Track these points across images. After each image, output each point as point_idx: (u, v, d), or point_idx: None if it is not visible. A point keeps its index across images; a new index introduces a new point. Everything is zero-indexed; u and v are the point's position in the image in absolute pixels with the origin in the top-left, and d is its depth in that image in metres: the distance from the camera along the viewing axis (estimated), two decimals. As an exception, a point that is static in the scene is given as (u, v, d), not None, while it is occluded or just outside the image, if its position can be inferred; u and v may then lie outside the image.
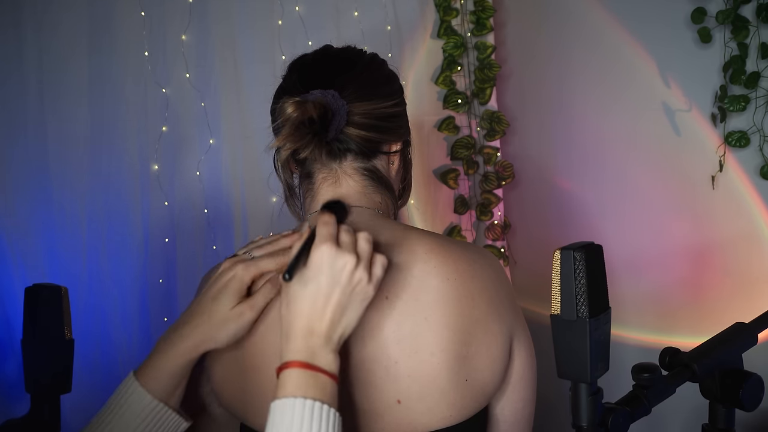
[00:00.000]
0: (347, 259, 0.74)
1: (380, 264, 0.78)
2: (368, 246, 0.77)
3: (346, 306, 0.75)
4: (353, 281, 0.75)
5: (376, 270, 0.77)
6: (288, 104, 0.81)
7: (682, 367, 0.86)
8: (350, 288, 0.75)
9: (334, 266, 0.74)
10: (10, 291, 1.49)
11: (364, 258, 0.76)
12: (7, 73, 1.53)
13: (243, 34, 1.77)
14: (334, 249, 0.74)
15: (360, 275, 0.75)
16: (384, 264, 0.78)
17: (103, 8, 1.62)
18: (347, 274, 0.74)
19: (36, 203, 1.55)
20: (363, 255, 0.76)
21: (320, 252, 0.74)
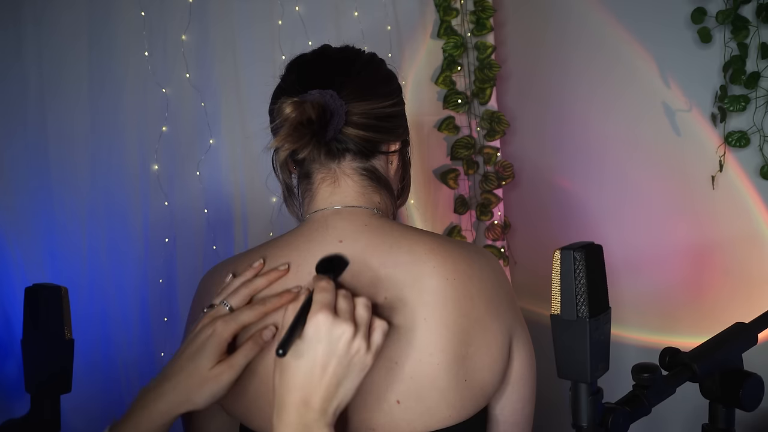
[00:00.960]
0: (344, 328, 0.72)
1: (380, 330, 0.76)
2: (367, 313, 0.75)
3: (343, 377, 0.73)
4: (351, 351, 0.73)
5: (375, 337, 0.75)
6: (286, 104, 0.81)
7: (682, 367, 0.86)
8: (348, 359, 0.73)
9: (331, 337, 0.72)
10: (10, 291, 1.49)
11: (363, 326, 0.74)
12: (7, 73, 1.52)
13: (243, 34, 1.77)
14: (330, 318, 0.72)
15: (358, 345, 0.73)
16: (384, 330, 0.76)
17: (102, 8, 1.62)
18: (344, 344, 0.72)
19: (36, 203, 1.55)
20: (361, 323, 0.74)
21: (316, 321, 0.72)
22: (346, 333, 0.72)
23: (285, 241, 0.90)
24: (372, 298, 0.83)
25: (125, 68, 1.64)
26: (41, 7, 1.55)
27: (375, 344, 0.75)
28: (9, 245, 1.51)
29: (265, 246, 0.91)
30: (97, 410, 1.55)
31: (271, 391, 0.82)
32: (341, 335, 0.72)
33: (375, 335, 0.75)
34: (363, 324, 0.74)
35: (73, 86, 1.59)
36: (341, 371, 0.73)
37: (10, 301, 1.48)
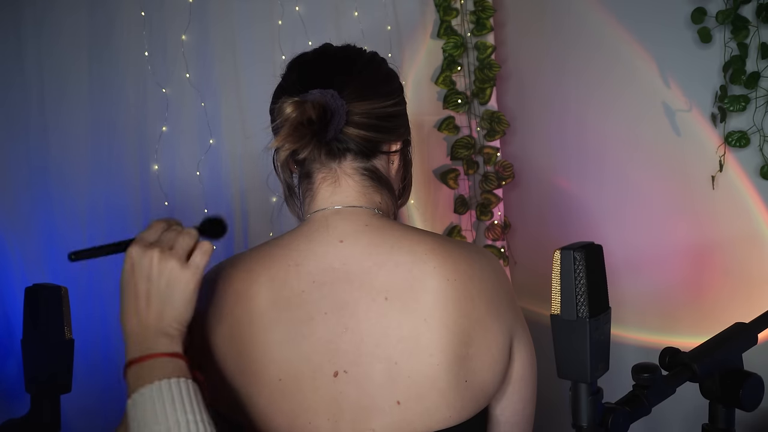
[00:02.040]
0: (152, 253, 0.79)
1: (201, 250, 0.81)
2: (185, 238, 0.81)
3: (166, 295, 0.79)
4: (164, 271, 0.79)
5: (195, 256, 0.80)
6: (287, 104, 0.81)
7: (682, 367, 0.86)
8: (163, 279, 0.79)
9: (142, 263, 0.79)
10: (10, 291, 1.49)
11: (176, 248, 0.80)
12: (8, 74, 1.53)
13: (243, 34, 1.77)
14: (141, 248, 0.80)
15: (170, 264, 0.79)
16: (206, 250, 0.81)
17: (103, 9, 1.62)
18: (155, 266, 0.79)
19: (36, 203, 1.55)
20: (176, 246, 0.80)
21: (129, 253, 0.81)
22: (155, 256, 0.79)
23: (286, 240, 0.90)
24: (372, 299, 0.83)
25: (125, 68, 1.64)
26: (42, 8, 1.55)
27: (194, 262, 0.80)
28: (9, 245, 1.51)
29: (265, 245, 0.91)
30: (97, 410, 1.55)
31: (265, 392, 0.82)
32: (150, 259, 0.79)
33: (195, 254, 0.81)
34: (177, 247, 0.80)
35: (74, 86, 1.59)
36: (162, 291, 0.79)
37: (10, 301, 1.48)
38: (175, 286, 0.79)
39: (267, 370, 0.83)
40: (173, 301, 0.79)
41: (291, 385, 0.82)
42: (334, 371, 0.82)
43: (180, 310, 0.79)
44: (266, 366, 0.83)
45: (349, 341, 0.82)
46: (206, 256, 0.81)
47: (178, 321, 0.79)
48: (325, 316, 0.83)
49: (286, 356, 0.82)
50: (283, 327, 0.83)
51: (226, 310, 0.86)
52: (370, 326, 0.82)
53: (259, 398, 0.83)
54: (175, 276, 0.79)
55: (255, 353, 0.83)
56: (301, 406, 0.82)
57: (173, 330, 0.79)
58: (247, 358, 0.84)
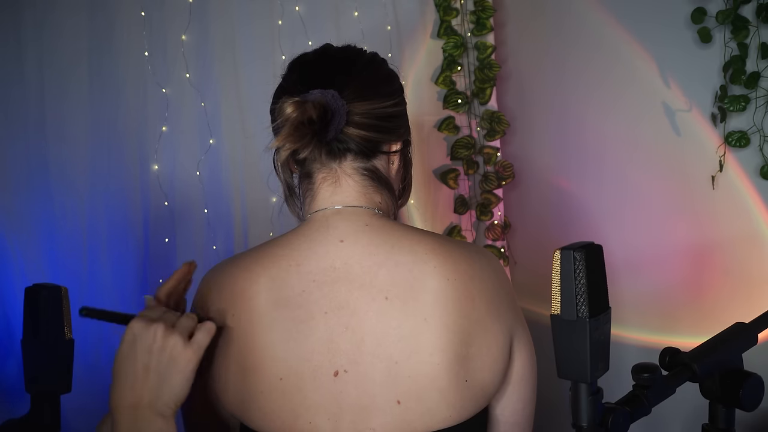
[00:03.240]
0: (155, 327, 0.79)
1: (204, 330, 0.81)
2: (188, 319, 0.82)
3: (165, 372, 0.78)
4: (167, 347, 0.79)
5: (198, 335, 0.81)
6: (287, 104, 0.81)
7: (682, 367, 0.86)
8: (166, 354, 0.78)
9: (145, 337, 0.79)
10: (10, 291, 1.49)
11: (180, 326, 0.81)
12: (8, 73, 1.53)
13: (243, 34, 1.77)
14: (144, 323, 0.80)
15: (174, 340, 0.79)
16: (210, 330, 0.82)
17: (103, 9, 1.62)
18: (159, 341, 0.79)
19: (36, 203, 1.55)
20: (179, 324, 0.81)
21: (131, 327, 0.80)
22: (159, 331, 0.79)
23: (286, 240, 0.90)
24: (373, 298, 0.83)
25: (125, 68, 1.65)
26: (42, 9, 1.55)
27: (197, 340, 0.80)
28: (9, 245, 1.51)
29: (265, 245, 0.91)
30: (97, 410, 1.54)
31: (268, 390, 0.82)
32: (154, 333, 0.79)
33: (198, 333, 0.81)
34: (181, 325, 0.81)
35: (74, 86, 1.59)
36: (163, 368, 0.78)
37: (10, 301, 1.48)
38: (176, 363, 0.79)
39: (267, 369, 0.83)
40: (172, 379, 0.79)
41: (291, 385, 0.82)
42: (334, 371, 0.82)
43: (177, 389, 0.79)
44: (267, 365, 0.83)
45: (349, 341, 0.82)
46: (209, 335, 0.82)
47: (174, 400, 0.79)
48: (325, 315, 0.83)
49: (286, 356, 0.82)
50: (283, 326, 0.83)
51: (227, 310, 0.86)
52: (371, 326, 0.82)
53: (259, 397, 0.83)
54: (177, 353, 0.79)
55: (255, 353, 0.84)
56: (301, 406, 0.82)
57: (168, 410, 0.79)
58: (247, 358, 0.84)
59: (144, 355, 0.78)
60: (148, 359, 0.78)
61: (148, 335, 0.79)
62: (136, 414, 0.77)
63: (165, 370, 0.78)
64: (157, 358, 0.78)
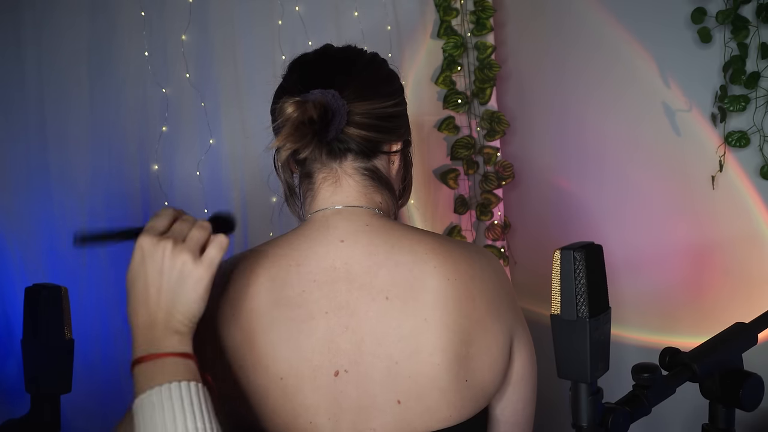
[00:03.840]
0: (164, 244, 0.76)
1: (216, 244, 0.78)
2: (200, 231, 0.78)
3: (176, 289, 0.76)
4: (176, 264, 0.76)
5: (210, 250, 0.78)
6: (288, 104, 0.81)
7: (682, 367, 0.86)
8: (175, 272, 0.76)
9: (155, 255, 0.76)
10: (10, 291, 1.49)
11: (190, 241, 0.77)
12: (8, 73, 1.53)
13: (243, 34, 1.77)
14: (152, 239, 0.77)
15: (183, 258, 0.76)
16: (222, 244, 0.78)
17: (103, 9, 1.62)
18: (168, 258, 0.76)
19: (36, 203, 1.55)
20: (191, 239, 0.77)
21: (139, 244, 0.77)
22: (167, 248, 0.76)
23: (286, 240, 0.90)
24: (373, 298, 0.83)
25: (125, 68, 1.64)
26: (42, 9, 1.55)
27: (208, 256, 0.77)
28: (9, 245, 1.51)
29: (265, 245, 0.91)
30: (97, 410, 1.55)
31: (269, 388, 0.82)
32: (163, 251, 0.76)
33: (209, 249, 0.78)
34: (191, 240, 0.77)
35: (74, 86, 1.59)
36: (174, 285, 0.76)
37: (10, 301, 1.48)
38: (187, 281, 0.76)
39: (268, 369, 0.83)
40: (185, 297, 0.76)
41: (292, 385, 0.82)
42: (334, 370, 0.82)
43: (191, 306, 0.77)
44: (267, 365, 0.83)
45: (349, 340, 0.82)
46: (221, 250, 0.79)
47: (189, 317, 0.77)
48: (325, 315, 0.83)
49: (286, 356, 0.82)
50: (283, 326, 0.83)
51: (227, 309, 0.86)
52: (371, 326, 0.82)
53: (259, 397, 0.83)
54: (188, 270, 0.76)
55: (256, 353, 0.84)
56: (301, 406, 0.82)
57: (184, 327, 0.77)
58: (248, 358, 0.84)
59: (154, 275, 0.76)
60: (159, 279, 0.76)
61: (157, 253, 0.76)
62: (151, 332, 0.76)
63: (176, 288, 0.76)
64: (168, 277, 0.76)
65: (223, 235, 0.79)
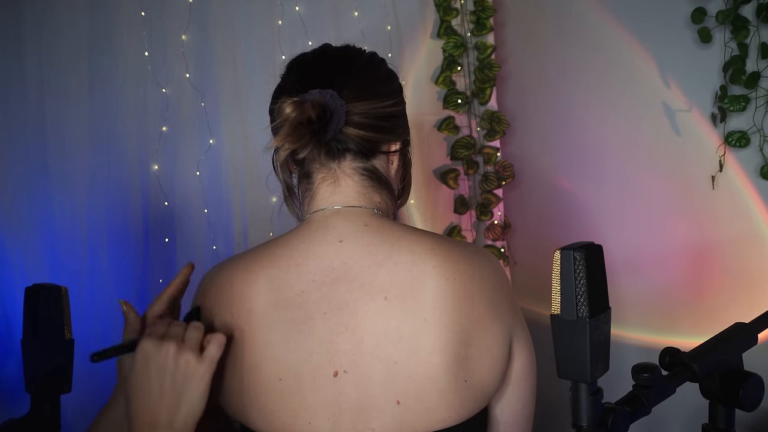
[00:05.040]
0: (167, 346, 0.79)
1: (215, 342, 0.81)
2: (196, 332, 0.82)
3: (181, 389, 0.79)
4: (180, 365, 0.79)
5: (210, 348, 0.81)
6: (286, 104, 0.81)
7: (682, 367, 0.86)
8: (180, 372, 0.79)
9: (158, 357, 0.79)
10: (10, 291, 1.49)
11: (190, 340, 0.81)
12: (8, 73, 1.53)
13: (243, 34, 1.77)
14: (154, 342, 0.80)
15: (186, 357, 0.79)
16: (220, 342, 0.81)
17: (103, 9, 1.62)
18: (171, 359, 0.79)
19: (36, 203, 1.55)
20: (189, 339, 0.81)
21: (142, 348, 0.80)
22: (171, 349, 0.79)
23: (286, 240, 0.90)
24: (372, 299, 0.83)
25: (125, 68, 1.64)
26: (41, 7, 1.55)
27: (209, 354, 0.81)
28: (9, 245, 1.51)
29: (265, 246, 0.91)
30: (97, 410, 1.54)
31: (267, 390, 0.82)
32: (166, 352, 0.79)
33: (209, 347, 0.81)
34: (190, 339, 0.81)
35: (74, 86, 1.59)
36: (178, 385, 0.79)
37: (10, 301, 1.48)
38: (191, 379, 0.79)
39: (267, 370, 0.83)
40: (188, 396, 0.79)
41: (291, 385, 0.82)
42: (333, 371, 0.82)
43: (194, 404, 0.79)
44: (266, 366, 0.83)
45: (348, 341, 0.82)
46: (220, 348, 0.81)
47: (191, 416, 0.79)
48: (324, 315, 0.83)
49: (285, 356, 0.82)
50: (282, 327, 0.83)
51: (226, 310, 0.86)
52: (370, 326, 0.82)
53: (259, 398, 0.83)
54: (191, 369, 0.79)
55: (255, 353, 0.84)
56: (300, 406, 0.82)
57: (186, 427, 0.79)
58: (247, 358, 0.84)
59: (158, 376, 0.79)
60: (163, 379, 0.79)
61: (160, 355, 0.79)
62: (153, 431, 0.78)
63: (180, 387, 0.79)
64: (172, 377, 0.79)
65: (220, 334, 0.82)
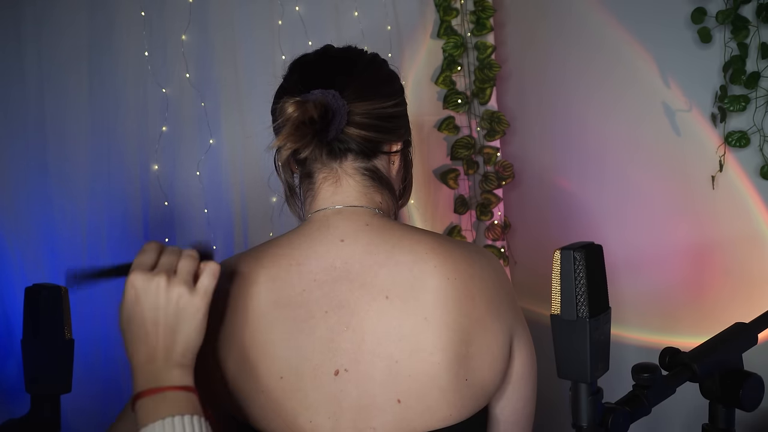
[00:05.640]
0: (157, 280, 0.76)
1: (209, 272, 0.78)
2: (189, 261, 0.79)
3: (176, 324, 0.76)
4: (172, 298, 0.76)
5: (203, 279, 0.78)
6: (288, 104, 0.82)
7: (682, 367, 0.86)
8: (172, 306, 0.76)
9: (148, 292, 0.76)
10: (10, 291, 1.49)
11: (182, 272, 0.77)
12: (7, 73, 1.53)
13: (243, 34, 1.77)
14: (143, 275, 0.76)
15: (178, 291, 0.76)
16: (214, 272, 0.79)
17: (103, 9, 1.62)
18: (162, 294, 0.76)
19: (36, 203, 1.55)
20: (181, 270, 0.77)
21: (131, 282, 0.76)
22: (161, 283, 0.76)
23: (286, 240, 0.90)
24: (373, 298, 0.83)
25: (125, 68, 1.64)
26: (41, 7, 1.55)
27: (202, 286, 0.78)
28: (9, 245, 1.51)
29: (266, 245, 0.91)
30: (97, 410, 1.55)
31: (266, 388, 0.82)
32: (156, 287, 0.76)
33: (202, 278, 0.78)
34: (183, 271, 0.77)
35: (73, 86, 1.59)
36: (172, 320, 0.76)
37: (10, 301, 1.48)
38: (185, 313, 0.77)
39: (268, 368, 0.83)
40: (184, 330, 0.77)
41: (292, 384, 0.82)
42: (334, 370, 0.82)
43: (191, 337, 0.77)
44: (267, 365, 0.83)
45: (349, 340, 0.83)
46: (214, 277, 0.79)
47: (189, 350, 0.77)
48: (325, 314, 0.83)
49: (286, 355, 0.82)
50: (283, 326, 0.83)
51: (227, 309, 0.86)
52: (371, 325, 0.83)
53: (260, 397, 0.83)
54: (184, 303, 0.77)
55: (256, 352, 0.84)
56: (301, 405, 0.82)
57: (184, 360, 0.77)
58: (248, 357, 0.84)
59: (150, 312, 0.76)
60: (155, 314, 0.76)
61: (151, 290, 0.76)
62: (153, 368, 0.75)
63: (174, 322, 0.76)
64: (164, 312, 0.76)
65: (214, 262, 0.79)
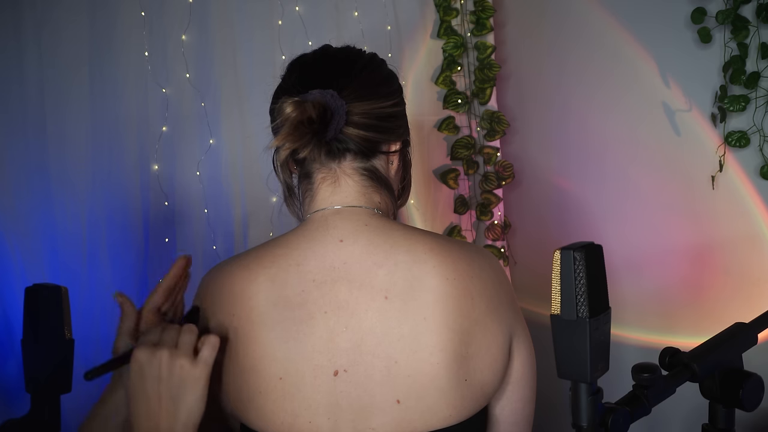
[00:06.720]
0: (160, 354, 0.80)
1: (209, 345, 0.82)
2: (189, 335, 0.82)
3: (178, 395, 0.80)
4: (174, 371, 0.80)
5: (204, 351, 0.81)
6: (287, 104, 0.81)
7: (682, 367, 0.86)
8: (175, 379, 0.80)
9: (152, 366, 0.80)
10: (10, 291, 1.49)
11: (183, 345, 0.81)
12: (7, 73, 1.53)
13: (243, 34, 1.77)
14: (147, 351, 0.80)
15: (180, 363, 0.80)
16: (214, 344, 0.82)
17: (103, 9, 1.62)
18: (165, 367, 0.80)
19: (36, 203, 1.55)
20: (182, 343, 0.81)
21: (135, 358, 0.81)
22: (164, 356, 0.80)
23: (286, 240, 0.90)
24: (372, 298, 0.83)
25: (125, 68, 1.64)
26: (41, 7, 1.55)
27: (203, 357, 0.81)
28: (9, 245, 1.51)
29: (265, 245, 0.91)
30: (97, 410, 1.54)
31: (266, 390, 0.82)
32: (159, 360, 0.80)
33: (203, 350, 0.82)
34: (184, 344, 0.81)
35: (74, 86, 1.59)
36: (174, 392, 0.80)
37: (10, 301, 1.48)
38: (187, 384, 0.80)
39: (267, 369, 0.83)
40: (186, 400, 0.80)
41: (291, 384, 0.82)
42: (334, 370, 0.82)
43: (193, 409, 0.80)
44: (266, 365, 0.83)
45: (349, 340, 0.83)
46: (214, 350, 0.82)
47: (191, 420, 0.80)
48: (325, 315, 0.83)
49: (286, 355, 0.82)
50: (283, 326, 0.83)
51: (227, 309, 0.86)
52: (371, 325, 0.82)
53: (259, 397, 0.83)
54: (186, 374, 0.80)
55: (255, 352, 0.84)
56: (301, 405, 0.82)
57: (187, 430, 0.80)
58: (247, 358, 0.84)
59: (154, 384, 0.79)
60: (158, 387, 0.79)
61: (154, 363, 0.80)
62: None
63: (177, 393, 0.79)
64: (167, 384, 0.79)
65: (214, 335, 0.83)
